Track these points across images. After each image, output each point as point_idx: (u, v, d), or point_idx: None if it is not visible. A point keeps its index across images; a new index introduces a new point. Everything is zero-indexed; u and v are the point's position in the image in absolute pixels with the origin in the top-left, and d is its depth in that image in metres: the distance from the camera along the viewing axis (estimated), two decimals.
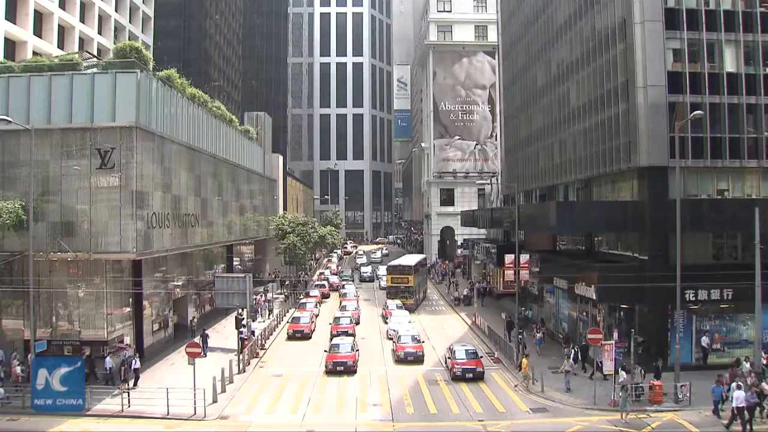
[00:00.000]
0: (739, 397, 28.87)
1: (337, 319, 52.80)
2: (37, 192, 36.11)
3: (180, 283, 50.75)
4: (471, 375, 38.39)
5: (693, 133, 38.55)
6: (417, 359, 43.54)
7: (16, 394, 33.15)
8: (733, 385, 29.86)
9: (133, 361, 36.68)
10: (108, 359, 37.46)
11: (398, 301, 61.32)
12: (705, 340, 38.36)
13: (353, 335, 49.35)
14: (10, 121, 32.81)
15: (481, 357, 40.75)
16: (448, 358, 40.65)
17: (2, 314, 39.39)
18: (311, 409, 33.82)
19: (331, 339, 48.66)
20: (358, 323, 55.20)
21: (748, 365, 34.11)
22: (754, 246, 33.36)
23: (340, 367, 40.21)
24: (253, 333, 48.47)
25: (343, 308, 59.28)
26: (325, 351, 42.59)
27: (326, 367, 40.73)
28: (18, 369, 34.98)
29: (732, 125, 39.40)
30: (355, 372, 40.00)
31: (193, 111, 49.60)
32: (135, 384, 35.79)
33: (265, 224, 77.34)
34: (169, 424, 31.53)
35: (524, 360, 38.21)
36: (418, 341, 45.43)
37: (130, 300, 41.55)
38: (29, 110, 37.71)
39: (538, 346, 42.36)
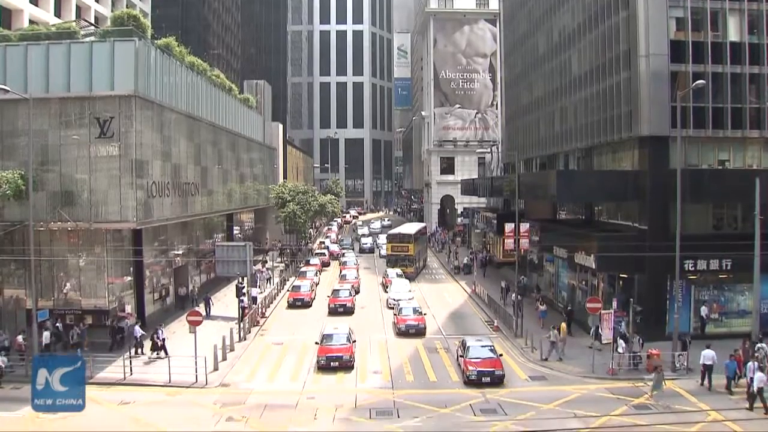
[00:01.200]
0: (761, 378, 28.12)
1: (335, 291, 51.64)
2: (36, 161, 35.97)
3: (180, 252, 50.91)
4: (489, 379, 32.24)
5: (695, 102, 38.34)
6: (419, 332, 42.23)
7: (20, 363, 33.53)
8: (750, 364, 29.49)
9: (161, 332, 36.89)
10: (137, 328, 37.88)
11: (398, 270, 61.52)
12: (704, 310, 38.51)
13: (352, 309, 49.14)
14: (8, 90, 32.58)
15: (501, 355, 34.50)
16: (460, 356, 34.63)
17: (4, 284, 39.58)
18: (311, 377, 34.11)
19: (329, 310, 48.67)
20: (357, 292, 55.22)
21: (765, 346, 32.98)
22: (754, 216, 33.37)
23: (335, 362, 34.83)
24: (254, 299, 48.80)
25: (342, 278, 59.19)
26: (316, 343, 37.21)
27: (318, 362, 35.32)
28: (20, 338, 35.25)
29: (734, 95, 39.14)
30: (352, 367, 35.09)
31: (192, 79, 49.24)
32: (166, 353, 35.98)
33: (265, 193, 77.28)
34: (170, 391, 31.83)
35: (563, 324, 38.25)
36: (420, 313, 44.00)
37: (131, 269, 41.71)
38: (27, 79, 37.35)
39: (542, 318, 42.20)
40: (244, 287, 47.91)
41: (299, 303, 51.94)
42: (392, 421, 27.96)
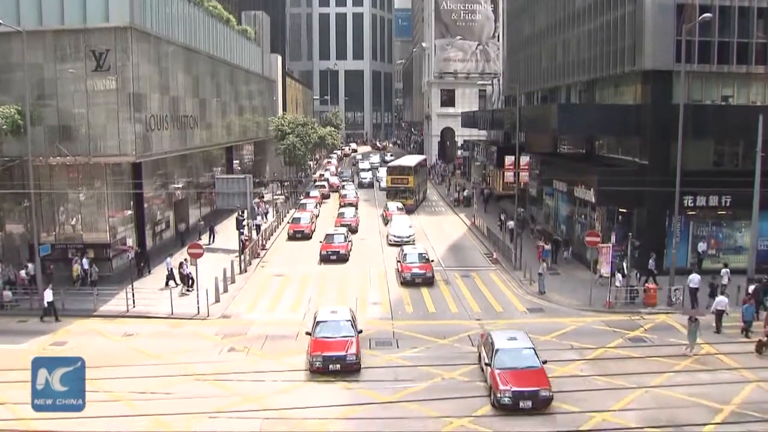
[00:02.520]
0: (721, 302, 30.27)
1: (329, 236, 46.65)
2: (32, 96, 35.52)
3: (180, 186, 50.94)
4: (530, 403, 21.99)
5: (700, 36, 37.60)
6: (426, 281, 38.56)
7: (24, 297, 34.01)
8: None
9: (186, 265, 37.07)
10: (169, 260, 38.27)
11: (399, 203, 61.45)
12: (701, 246, 38.65)
13: (346, 256, 44.93)
14: (0, 23, 32.04)
15: (545, 362, 23.86)
16: (486, 363, 24.06)
17: (6, 220, 39.74)
18: (312, 308, 34.32)
19: (320, 257, 44.81)
20: (355, 232, 53.70)
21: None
22: (755, 153, 33.22)
23: (335, 365, 25.31)
24: (258, 228, 49.10)
25: (340, 216, 57.18)
26: (307, 333, 27.43)
27: (312, 364, 25.58)
28: (23, 273, 35.66)
29: (741, 29, 38.28)
30: (358, 371, 25.88)
31: (188, 10, 48.39)
32: (191, 286, 36.29)
33: (264, 125, 76.94)
34: (173, 323, 32.37)
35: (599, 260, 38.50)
36: (427, 260, 40.08)
37: (132, 203, 41.86)
38: (19, 12, 36.56)
39: (546, 258, 41.31)
40: (244, 220, 48.12)
41: (299, 235, 52.27)
42: (391, 351, 28.48)
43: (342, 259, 44.46)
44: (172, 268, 37.82)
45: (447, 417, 22.02)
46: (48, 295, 31.82)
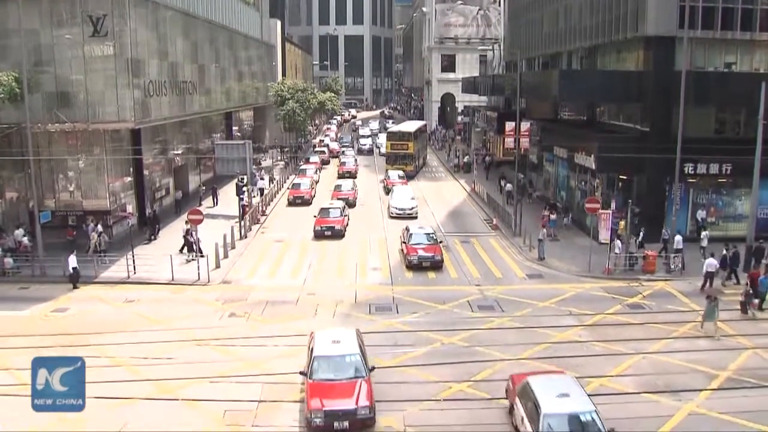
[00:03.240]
0: (710, 263, 31.03)
1: (324, 210, 43.99)
2: (29, 63, 35.13)
3: (180, 152, 50.82)
4: None
5: (704, 2, 37.15)
6: (434, 265, 35.40)
7: (26, 264, 34.10)
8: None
9: (194, 232, 36.70)
10: (185, 227, 38.01)
11: (400, 172, 60.86)
12: (701, 214, 38.62)
13: (341, 232, 42.35)
14: None
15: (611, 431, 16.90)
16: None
17: (6, 187, 39.69)
18: (312, 274, 34.76)
19: (314, 233, 42.14)
20: (353, 206, 50.97)
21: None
22: (757, 121, 33.03)
23: (341, 422, 18.65)
24: (261, 191, 49.24)
25: (337, 189, 53.93)
26: (301, 373, 20.63)
27: (311, 422, 18.70)
28: (25, 240, 35.72)
29: None
30: (372, 425, 19.17)
31: None
32: (200, 253, 35.73)
33: (264, 91, 76.48)
34: (174, 289, 32.52)
35: (621, 223, 37.83)
36: (435, 241, 36.91)
37: (131, 169, 41.77)
38: None
39: (552, 227, 41.04)
40: (244, 185, 48.10)
41: (299, 201, 52.29)
42: (391, 316, 28.68)
43: (337, 234, 41.88)
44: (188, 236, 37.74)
45: (446, 382, 22.24)
46: (72, 261, 31.89)
